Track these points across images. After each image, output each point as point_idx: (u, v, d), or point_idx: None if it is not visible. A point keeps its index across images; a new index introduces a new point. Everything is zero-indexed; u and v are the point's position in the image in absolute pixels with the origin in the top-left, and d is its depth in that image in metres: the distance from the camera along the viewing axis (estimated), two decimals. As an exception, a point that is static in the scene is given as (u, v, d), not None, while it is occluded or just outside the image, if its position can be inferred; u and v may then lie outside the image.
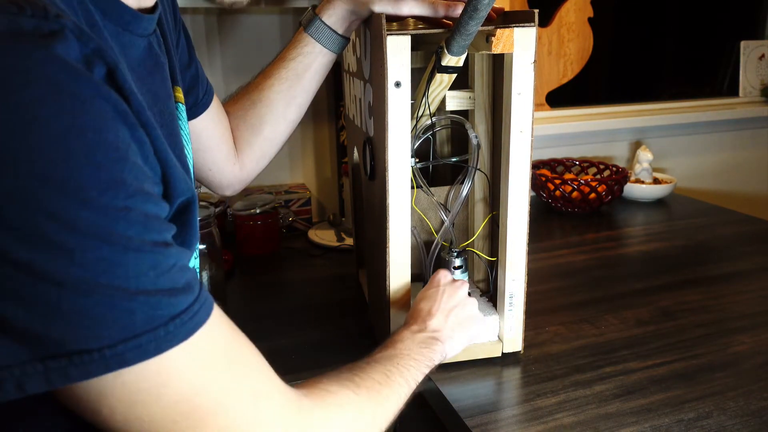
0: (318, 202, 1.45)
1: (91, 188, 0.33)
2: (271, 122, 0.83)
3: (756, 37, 1.91)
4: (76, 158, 0.33)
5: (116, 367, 0.35)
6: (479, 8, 0.60)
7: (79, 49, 0.34)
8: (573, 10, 1.59)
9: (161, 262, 0.37)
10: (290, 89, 0.81)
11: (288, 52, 0.82)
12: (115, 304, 0.34)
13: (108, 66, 0.36)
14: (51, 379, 0.34)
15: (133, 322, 0.35)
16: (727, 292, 1.02)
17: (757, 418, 0.69)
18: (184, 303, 0.38)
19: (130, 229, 0.35)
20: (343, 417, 0.50)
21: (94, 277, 0.34)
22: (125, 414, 0.37)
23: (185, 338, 0.38)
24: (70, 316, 0.34)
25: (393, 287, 0.77)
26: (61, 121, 0.32)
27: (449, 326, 0.71)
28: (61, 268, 0.33)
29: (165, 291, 0.37)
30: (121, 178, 0.35)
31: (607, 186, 1.40)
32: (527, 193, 0.76)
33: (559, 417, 0.70)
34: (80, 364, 0.34)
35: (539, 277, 1.08)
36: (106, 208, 0.34)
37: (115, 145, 0.35)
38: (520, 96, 0.72)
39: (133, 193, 0.35)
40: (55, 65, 0.33)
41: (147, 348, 0.36)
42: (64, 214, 0.32)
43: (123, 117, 0.36)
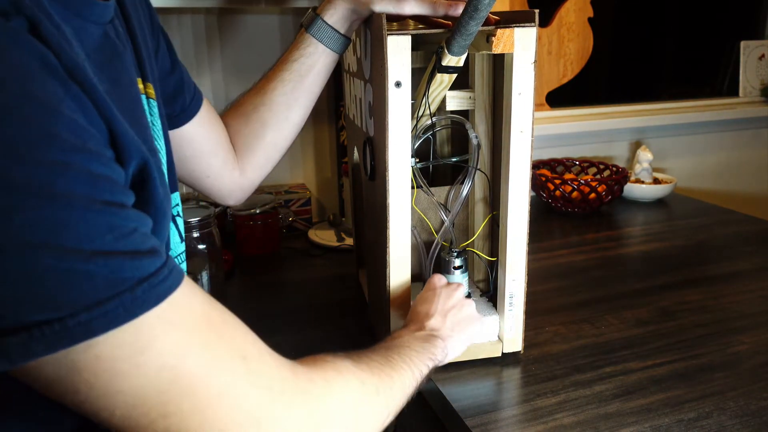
0: (318, 202, 1.45)
1: (19, 143, 0.31)
2: (274, 126, 0.82)
3: (756, 37, 1.91)
4: (1, 111, 0.31)
5: (82, 337, 0.33)
6: (480, 8, 0.60)
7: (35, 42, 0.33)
8: (573, 10, 1.59)
9: (119, 224, 0.34)
10: (293, 91, 0.81)
11: (290, 54, 0.81)
12: (70, 268, 0.32)
13: (28, 18, 0.34)
14: (11, 356, 0.32)
15: (94, 286, 0.33)
16: (727, 292, 1.02)
17: (757, 418, 0.69)
18: (150, 266, 0.36)
19: (74, 186, 0.32)
20: (344, 383, 0.47)
21: (40, 238, 0.31)
22: (105, 389, 0.35)
23: (157, 302, 0.35)
24: (20, 284, 0.31)
25: (393, 287, 0.77)
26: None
27: (448, 326, 0.71)
28: (5, 230, 0.31)
29: (127, 253, 0.34)
30: (53, 132, 0.32)
31: (607, 186, 1.40)
32: (527, 193, 0.76)
33: (559, 417, 0.70)
34: (41, 337, 0.32)
35: (539, 277, 1.08)
36: (39, 163, 0.31)
37: (42, 99, 0.32)
38: (521, 96, 0.72)
39: (70, 148, 0.33)
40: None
41: (115, 314, 0.33)
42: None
43: (51, 70, 0.34)
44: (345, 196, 1.36)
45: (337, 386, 0.46)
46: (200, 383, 0.37)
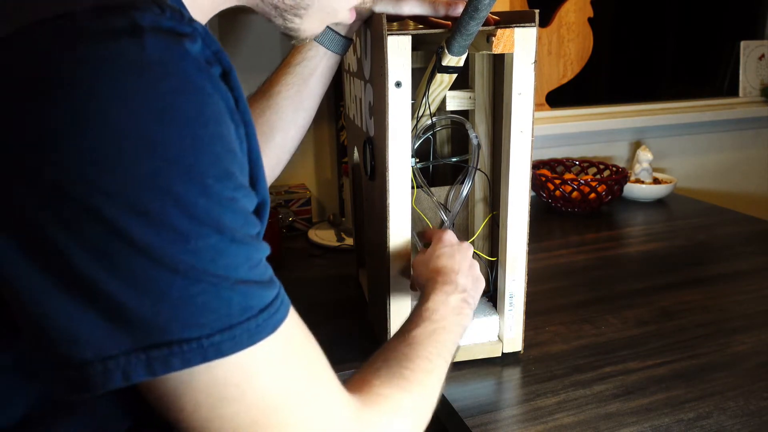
0: (318, 202, 1.45)
1: (210, 176, 0.35)
2: (281, 129, 0.83)
3: (756, 37, 1.91)
4: (201, 146, 0.35)
5: (213, 356, 0.36)
6: (480, 8, 0.60)
7: (203, 50, 0.37)
8: (573, 10, 1.59)
9: (253, 255, 0.38)
10: (297, 94, 0.81)
11: (292, 58, 0.81)
12: (218, 293, 0.36)
13: (224, 67, 0.38)
14: (154, 368, 0.35)
15: (230, 312, 0.36)
16: (727, 292, 1.02)
17: (757, 418, 0.70)
18: (270, 296, 0.39)
19: (235, 220, 0.37)
20: (400, 422, 0.50)
21: (203, 265, 0.35)
22: (208, 412, 0.38)
23: (272, 331, 0.38)
24: (178, 302, 0.35)
25: (393, 288, 0.77)
26: (191, 111, 0.35)
27: (471, 286, 0.69)
28: (177, 254, 0.34)
29: (256, 283, 0.38)
30: (231, 170, 0.36)
31: (607, 186, 1.40)
32: (527, 193, 0.76)
33: (559, 417, 0.70)
34: (180, 353, 0.35)
35: (539, 277, 1.08)
36: (219, 197, 0.35)
37: (228, 138, 0.37)
38: (521, 96, 0.72)
39: (238, 186, 0.37)
40: (188, 61, 0.35)
41: (240, 339, 0.37)
42: (186, 199, 0.34)
43: (231, 114, 0.38)
44: (345, 196, 1.36)
45: (395, 427, 0.49)
46: (286, 420, 0.40)
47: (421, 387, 0.54)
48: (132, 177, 0.33)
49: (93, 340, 0.34)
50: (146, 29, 0.34)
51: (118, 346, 0.34)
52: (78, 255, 0.33)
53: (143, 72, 0.34)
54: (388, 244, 0.75)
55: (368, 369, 0.54)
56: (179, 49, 0.35)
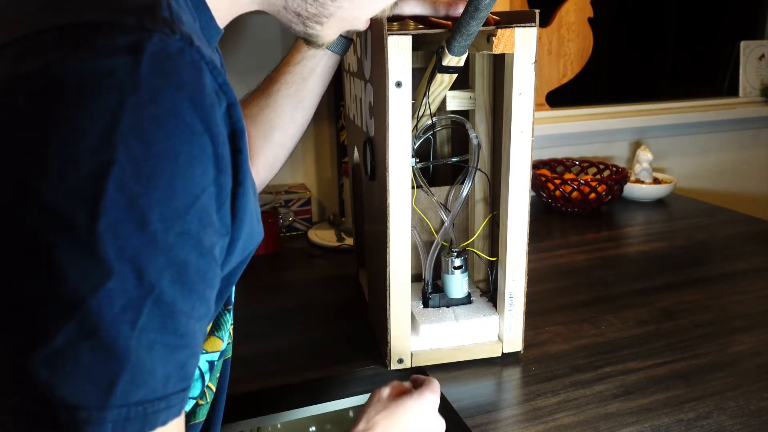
0: (318, 202, 1.45)
1: (156, 213, 0.34)
2: (280, 127, 0.83)
3: (756, 37, 1.91)
4: (157, 180, 0.33)
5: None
6: (480, 8, 0.60)
7: (211, 82, 0.37)
8: (573, 10, 1.59)
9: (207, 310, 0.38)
10: (297, 93, 0.81)
11: (292, 57, 0.82)
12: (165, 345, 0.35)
13: (228, 101, 0.38)
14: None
15: (168, 378, 0.36)
16: (727, 292, 1.02)
17: (757, 418, 0.70)
18: (182, 385, 0.37)
19: (210, 269, 0.37)
20: None
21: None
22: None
23: (163, 423, 0.36)
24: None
25: (393, 287, 0.77)
26: (173, 144, 0.34)
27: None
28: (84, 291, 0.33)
29: (181, 367, 0.37)
30: (213, 221, 0.37)
31: (607, 186, 1.40)
32: (527, 193, 0.76)
33: (559, 417, 0.70)
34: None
35: (539, 277, 1.08)
36: (155, 237, 0.34)
37: (195, 182, 0.35)
38: (521, 96, 0.72)
39: (216, 233, 0.38)
40: (183, 92, 0.35)
41: (135, 421, 0.35)
42: (120, 231, 0.33)
43: (217, 161, 0.37)
44: (345, 196, 1.36)
45: None
46: None
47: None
48: (69, 188, 0.32)
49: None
50: (147, 50, 0.34)
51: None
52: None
53: (129, 91, 0.33)
54: (388, 244, 0.75)
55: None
56: (178, 77, 0.34)
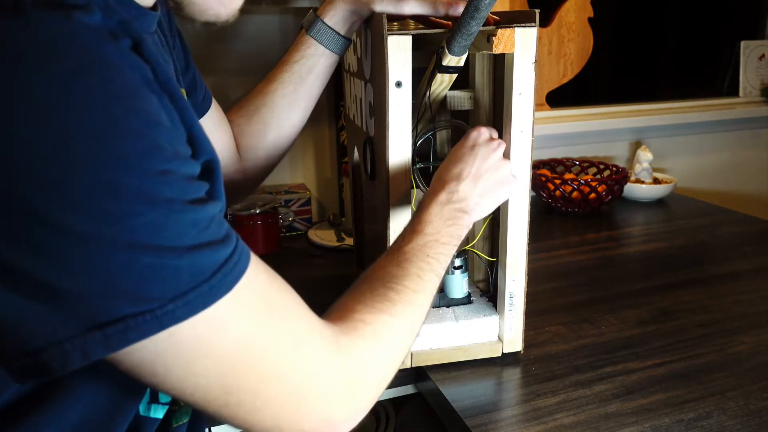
0: (318, 202, 1.45)
1: (132, 155, 0.34)
2: (275, 127, 0.83)
3: (756, 37, 1.91)
4: (115, 127, 0.34)
5: (169, 323, 0.36)
6: (480, 8, 0.60)
7: (104, 20, 0.35)
8: (573, 10, 1.59)
9: (200, 219, 0.38)
10: (294, 92, 0.81)
11: (290, 56, 0.81)
12: (164, 264, 0.36)
13: (133, 38, 0.37)
14: (111, 343, 0.36)
15: (179, 280, 0.36)
16: (727, 292, 1.02)
17: (757, 418, 0.70)
18: (224, 255, 0.39)
19: (171, 192, 0.36)
20: (382, 347, 0.51)
21: (143, 240, 0.35)
22: (179, 372, 0.39)
23: (228, 290, 0.39)
24: (123, 280, 0.35)
25: (393, 287, 0.77)
26: (97, 91, 0.33)
27: (477, 192, 0.66)
28: (112, 234, 0.34)
29: (206, 245, 0.38)
30: (158, 143, 0.36)
31: (607, 186, 1.40)
32: (527, 193, 0.76)
33: (559, 417, 0.70)
34: (135, 326, 0.35)
35: (539, 277, 1.08)
36: (148, 173, 0.35)
37: (147, 111, 0.36)
38: (521, 96, 0.72)
39: (170, 157, 0.36)
40: (85, 34, 0.33)
41: (195, 303, 0.37)
42: (112, 182, 0.33)
43: (149, 85, 0.37)
44: (345, 196, 1.36)
45: (376, 352, 0.50)
46: (257, 366, 0.41)
47: (405, 307, 0.54)
48: (51, 167, 0.32)
49: (43, 328, 0.35)
50: (27, 5, 0.32)
51: (72, 329, 0.35)
52: (12, 252, 0.33)
53: (35, 55, 0.32)
54: (388, 244, 0.75)
55: (352, 294, 0.55)
56: (72, 23, 0.33)
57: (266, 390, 0.42)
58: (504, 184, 0.70)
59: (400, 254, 0.60)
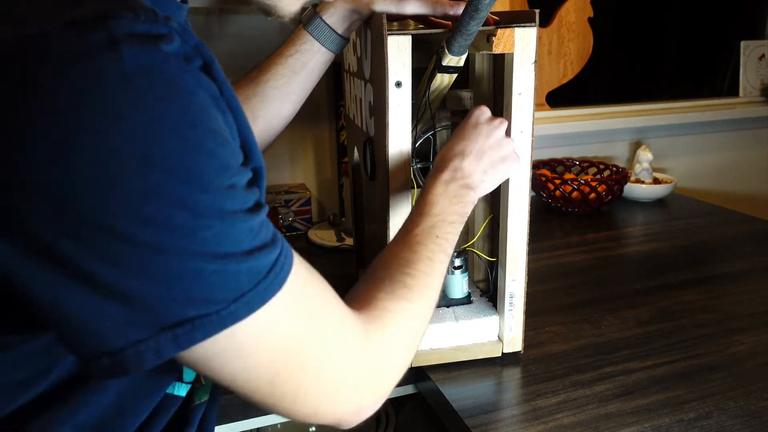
0: (318, 202, 1.45)
1: (207, 174, 0.37)
2: (264, 117, 0.83)
3: (756, 37, 1.91)
4: (193, 148, 0.36)
5: (230, 323, 0.39)
6: (480, 8, 0.60)
7: (182, 46, 0.38)
8: (573, 10, 1.59)
9: (255, 225, 0.40)
10: (285, 85, 0.82)
11: (286, 49, 0.82)
12: (227, 270, 0.38)
13: (205, 60, 0.39)
14: (180, 342, 0.38)
15: (240, 282, 0.39)
16: (727, 292, 1.02)
17: (757, 418, 0.70)
18: (274, 255, 0.42)
19: (235, 204, 0.39)
20: (402, 333, 0.53)
21: (211, 250, 0.38)
22: (234, 366, 0.41)
23: (279, 288, 0.41)
24: (193, 286, 0.37)
25: (393, 287, 0.77)
26: (178, 115, 0.36)
27: (481, 169, 0.67)
28: (186, 246, 0.37)
29: (260, 248, 0.40)
30: (227, 161, 0.39)
31: (607, 186, 1.40)
32: (527, 193, 0.76)
33: (559, 417, 0.70)
34: (201, 326, 0.38)
35: (539, 277, 1.08)
36: (220, 189, 0.38)
37: (218, 130, 0.38)
38: (521, 96, 0.72)
39: (235, 172, 0.39)
40: (168, 63, 0.36)
41: (253, 302, 0.40)
42: (188, 200, 0.36)
43: (217, 104, 0.39)
44: (345, 196, 1.36)
45: (398, 340, 0.53)
46: (300, 358, 0.44)
47: (423, 291, 0.57)
48: (134, 191, 0.35)
49: (121, 331, 0.37)
50: (122, 40, 0.35)
51: (146, 331, 0.38)
52: (93, 262, 0.36)
53: (126, 86, 0.34)
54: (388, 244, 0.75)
55: (372, 280, 0.57)
56: (158, 53, 0.36)
57: (308, 381, 0.45)
58: (507, 161, 0.70)
59: (411, 237, 0.61)
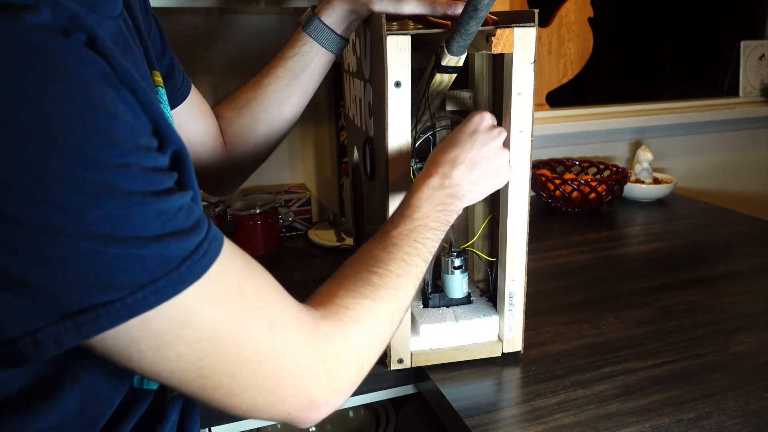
0: (318, 202, 1.45)
1: (89, 149, 0.35)
2: (266, 121, 0.83)
3: (756, 37, 1.91)
4: (71, 122, 0.34)
5: (140, 311, 0.37)
6: (479, 8, 0.60)
7: (54, 18, 0.36)
8: (573, 10, 1.59)
9: (166, 209, 0.38)
10: (286, 88, 0.81)
11: (286, 51, 0.82)
12: (130, 254, 0.36)
13: (87, 33, 0.37)
14: (84, 331, 0.37)
15: (147, 268, 0.37)
16: (727, 292, 1.02)
17: (757, 418, 0.69)
18: (193, 243, 0.40)
19: (132, 184, 0.37)
20: (361, 332, 0.51)
21: (106, 232, 0.35)
22: (153, 357, 0.40)
23: (198, 277, 0.40)
24: (91, 270, 0.36)
25: (393, 287, 0.77)
26: (50, 88, 0.34)
27: (470, 180, 0.66)
28: (75, 227, 0.35)
29: (173, 234, 0.39)
30: (115, 137, 0.36)
31: (607, 186, 1.40)
32: (527, 193, 0.76)
33: (559, 417, 0.70)
34: (106, 314, 0.37)
35: (539, 277, 1.08)
36: (106, 166, 0.35)
37: (103, 106, 0.36)
38: (520, 96, 0.72)
39: (128, 150, 0.37)
40: (35, 34, 0.34)
41: (164, 291, 0.38)
42: (70, 176, 0.34)
43: (106, 78, 0.37)
44: (345, 196, 1.36)
45: (356, 337, 0.50)
46: (231, 351, 0.42)
47: (389, 291, 0.54)
48: (14, 169, 0.33)
49: (16, 318, 0.36)
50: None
51: (43, 319, 0.36)
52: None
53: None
54: (388, 244, 0.75)
55: (336, 278, 0.55)
56: (20, 24, 0.34)
57: (241, 373, 0.43)
58: (499, 174, 0.70)
59: (387, 238, 0.59)
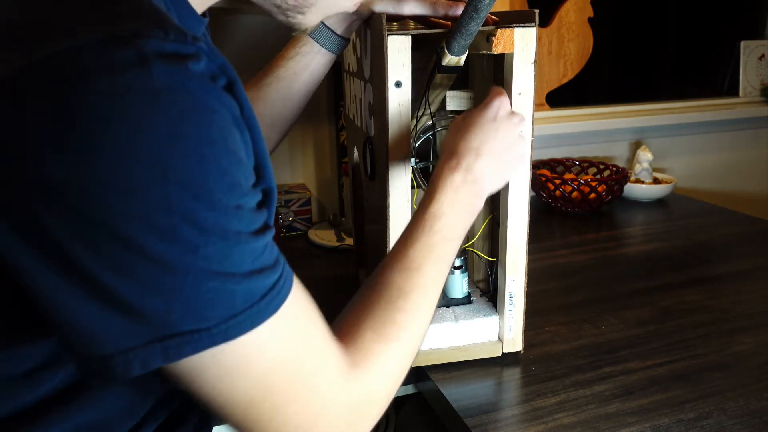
0: (318, 202, 1.45)
1: (217, 191, 0.38)
2: (267, 120, 0.83)
3: (756, 37, 1.91)
4: (208, 165, 0.37)
5: (220, 341, 0.39)
6: (480, 8, 0.60)
7: (208, 66, 0.39)
8: (573, 10, 1.59)
9: (257, 247, 0.41)
10: (287, 88, 0.82)
11: (287, 52, 0.82)
12: (224, 289, 0.39)
13: (229, 78, 0.40)
14: (168, 355, 0.39)
15: (234, 302, 0.40)
16: (727, 292, 1.02)
17: (757, 418, 0.70)
18: (272, 280, 0.42)
19: (240, 224, 0.40)
20: (387, 377, 0.53)
21: (210, 267, 0.38)
22: (218, 384, 0.42)
23: (274, 312, 0.42)
24: (189, 300, 0.38)
25: (393, 287, 0.77)
26: (198, 133, 0.37)
27: (493, 171, 0.63)
28: (188, 261, 0.37)
29: (259, 271, 0.41)
30: (238, 181, 0.39)
31: (607, 186, 1.40)
32: (527, 193, 0.76)
33: (559, 417, 0.70)
34: (191, 341, 0.39)
35: (539, 277, 1.08)
36: (227, 208, 0.39)
37: (234, 151, 0.39)
38: (521, 96, 0.72)
39: (244, 193, 0.40)
40: (193, 82, 0.37)
41: (244, 324, 0.40)
42: (196, 215, 0.37)
43: (237, 123, 0.40)
44: (345, 196, 1.36)
45: (381, 384, 0.52)
46: (282, 387, 0.44)
47: (413, 330, 0.55)
48: (146, 200, 0.36)
49: (113, 337, 0.38)
50: (151, 57, 0.36)
51: (136, 340, 0.38)
52: (97, 267, 0.37)
53: (152, 101, 0.36)
54: (388, 244, 0.75)
55: (362, 308, 0.55)
56: (184, 72, 0.37)
57: (284, 411, 0.44)
58: (513, 166, 0.67)
59: (408, 262, 0.57)
